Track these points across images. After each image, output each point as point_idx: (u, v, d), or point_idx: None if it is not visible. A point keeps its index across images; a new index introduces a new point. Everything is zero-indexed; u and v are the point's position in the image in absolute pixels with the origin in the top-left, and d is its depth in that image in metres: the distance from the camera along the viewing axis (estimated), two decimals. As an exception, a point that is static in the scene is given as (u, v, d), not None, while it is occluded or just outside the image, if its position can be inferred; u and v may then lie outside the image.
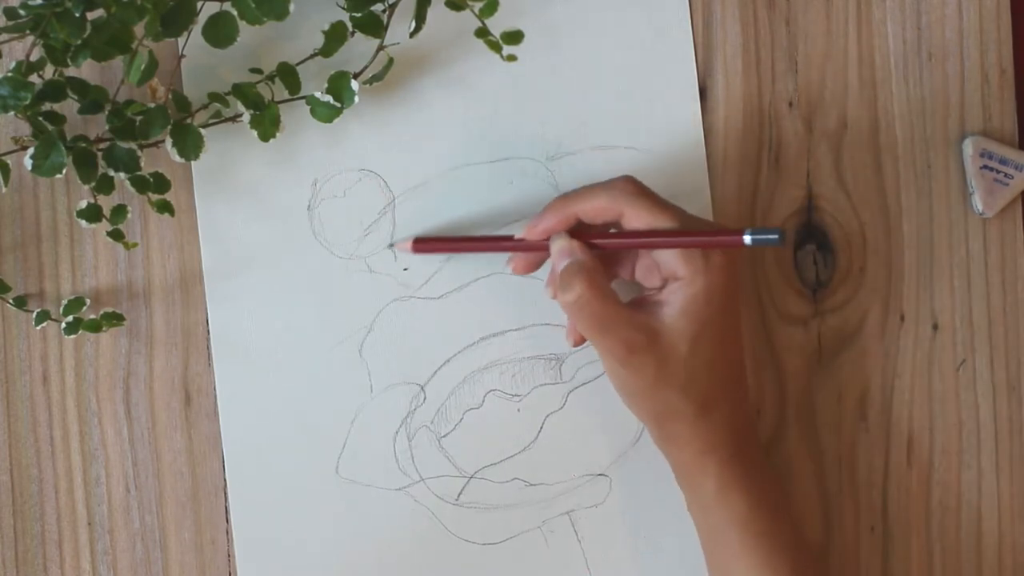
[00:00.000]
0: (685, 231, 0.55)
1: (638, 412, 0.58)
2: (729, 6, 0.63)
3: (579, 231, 0.58)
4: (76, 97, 0.58)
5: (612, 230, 0.58)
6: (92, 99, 0.58)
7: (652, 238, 0.56)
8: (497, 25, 0.58)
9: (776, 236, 0.53)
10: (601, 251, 0.58)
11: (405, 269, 0.62)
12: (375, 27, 0.58)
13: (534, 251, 0.59)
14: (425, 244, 0.61)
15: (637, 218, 0.56)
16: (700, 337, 0.55)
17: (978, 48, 0.64)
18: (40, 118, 0.57)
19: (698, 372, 0.56)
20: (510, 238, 0.60)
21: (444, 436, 0.62)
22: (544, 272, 0.62)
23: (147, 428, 0.62)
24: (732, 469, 0.57)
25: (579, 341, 0.59)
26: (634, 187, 0.57)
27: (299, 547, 0.62)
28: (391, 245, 0.62)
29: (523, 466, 0.63)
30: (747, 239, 0.54)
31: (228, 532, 0.62)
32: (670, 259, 0.56)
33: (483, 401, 0.62)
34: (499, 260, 0.62)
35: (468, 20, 0.58)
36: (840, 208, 0.64)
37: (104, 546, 0.62)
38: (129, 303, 0.62)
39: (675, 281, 0.56)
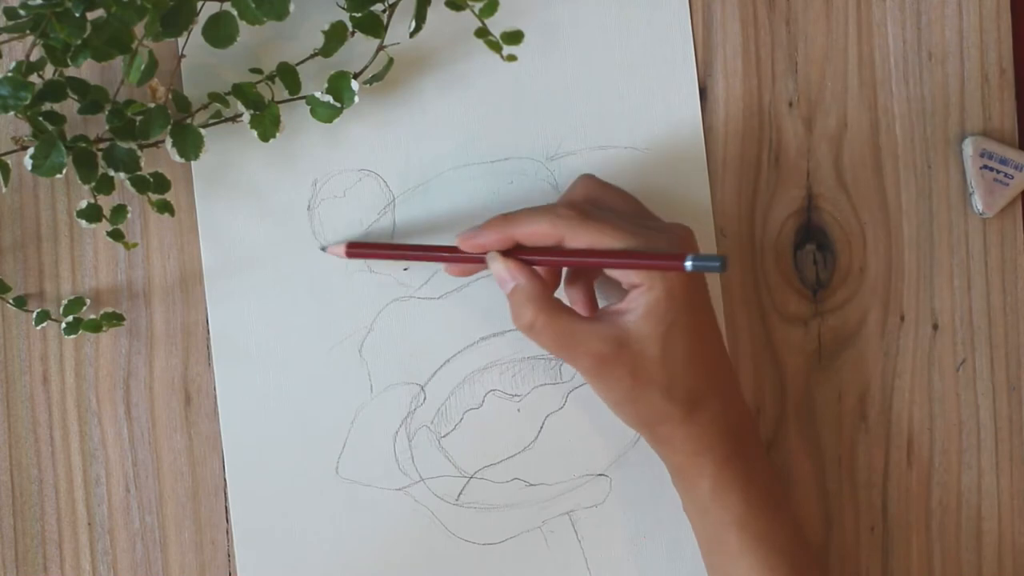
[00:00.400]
0: (624, 252, 0.55)
1: (626, 419, 0.58)
2: (729, 6, 0.63)
3: (517, 248, 0.57)
4: (76, 97, 0.58)
5: None
6: (92, 99, 0.58)
7: (591, 257, 0.55)
8: (497, 25, 0.58)
9: (718, 263, 0.52)
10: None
11: (405, 269, 0.62)
12: (375, 27, 0.58)
13: (470, 263, 0.59)
14: (358, 249, 0.61)
15: (578, 242, 0.55)
16: (670, 337, 0.55)
17: (978, 48, 0.64)
18: (40, 118, 0.57)
19: (677, 372, 0.55)
20: (445, 248, 0.59)
21: (444, 436, 0.62)
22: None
23: (147, 428, 0.62)
24: (728, 470, 0.57)
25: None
26: (575, 212, 0.56)
27: (299, 547, 0.62)
28: (323, 248, 0.62)
29: (523, 466, 0.63)
30: (688, 264, 0.53)
31: (228, 532, 0.62)
32: (627, 271, 0.55)
33: (483, 401, 0.62)
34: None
35: (468, 20, 0.58)
36: (840, 208, 0.64)
37: (104, 546, 0.62)
38: (129, 303, 0.62)
39: (635, 289, 0.55)
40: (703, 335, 0.57)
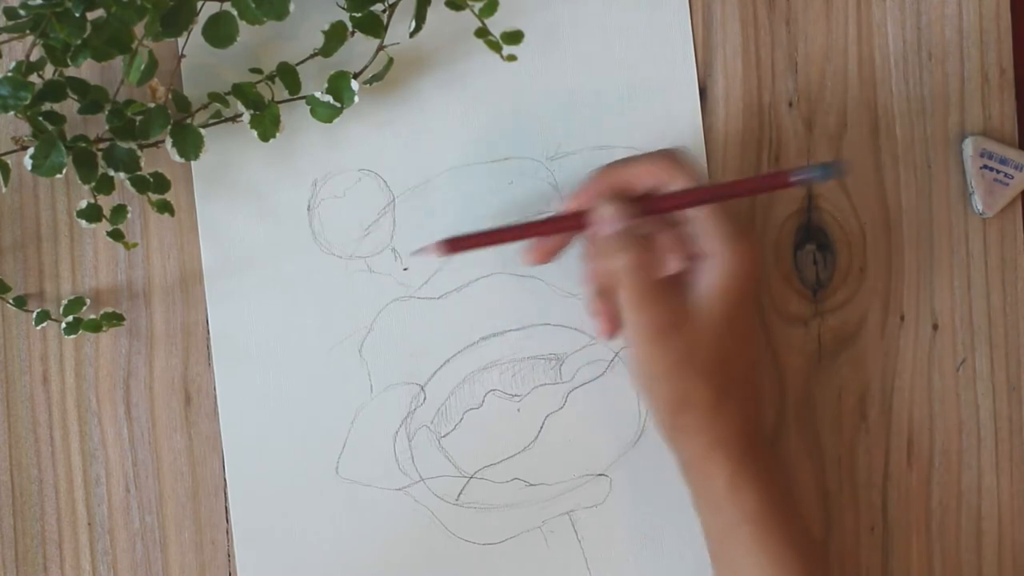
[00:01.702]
0: (729, 183, 0.55)
1: (655, 399, 0.57)
2: (729, 6, 0.63)
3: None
4: (76, 97, 0.58)
5: None
6: (92, 99, 0.58)
7: (698, 195, 0.55)
8: (497, 25, 0.58)
9: (819, 172, 0.53)
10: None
11: (405, 269, 0.62)
12: (375, 27, 0.58)
13: (568, 230, 0.58)
14: (455, 244, 0.58)
15: (683, 179, 0.56)
16: (731, 324, 0.55)
17: (978, 48, 0.64)
18: (40, 118, 0.57)
19: (719, 361, 0.56)
20: (539, 223, 0.58)
21: (444, 436, 0.62)
22: (545, 271, 0.62)
23: (147, 428, 0.62)
24: (743, 465, 0.56)
25: (612, 332, 0.58)
26: (677, 153, 0.57)
27: (299, 547, 0.62)
28: (414, 252, 0.61)
29: (523, 466, 0.63)
30: (792, 178, 0.54)
31: (228, 532, 0.62)
32: (703, 235, 0.55)
33: (483, 401, 0.62)
34: (499, 260, 0.62)
35: (468, 20, 0.58)
36: (840, 208, 0.64)
37: (104, 546, 0.62)
38: (129, 303, 0.62)
39: (708, 259, 0.55)
40: (750, 327, 0.57)
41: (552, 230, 0.58)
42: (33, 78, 0.56)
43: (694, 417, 0.56)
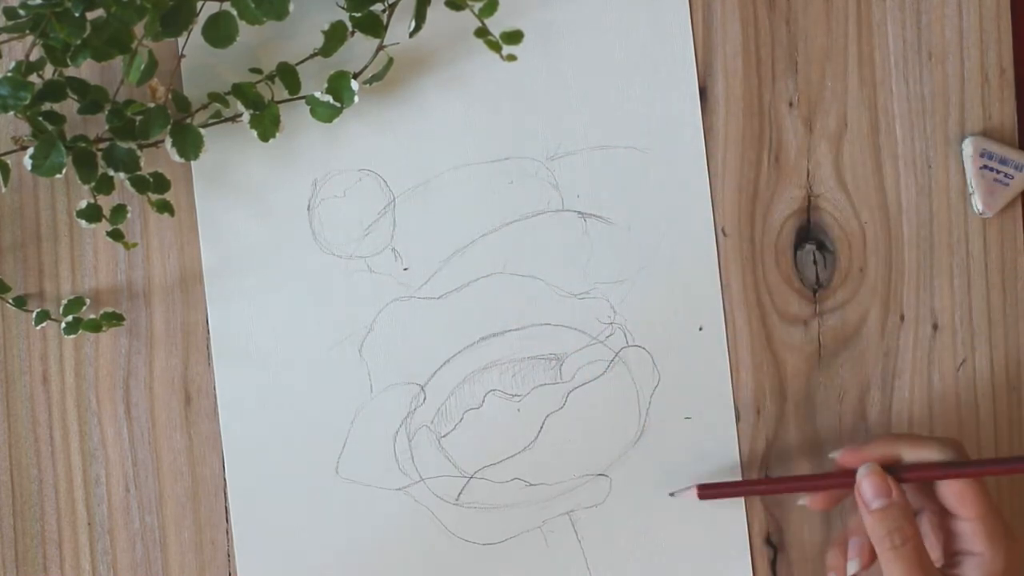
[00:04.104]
0: (991, 463, 0.57)
1: None
2: (729, 6, 0.63)
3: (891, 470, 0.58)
4: (76, 97, 0.58)
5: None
6: (92, 99, 0.58)
7: (960, 468, 0.56)
8: (497, 25, 0.58)
9: None
10: None
11: (405, 269, 0.62)
12: (375, 27, 0.58)
13: (837, 488, 0.59)
14: (713, 490, 0.60)
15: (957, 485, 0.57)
16: None
17: (978, 48, 0.64)
18: (40, 118, 0.57)
19: None
20: (806, 477, 0.60)
21: (444, 436, 0.62)
22: (545, 272, 0.62)
23: (147, 428, 0.62)
24: None
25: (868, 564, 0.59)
26: (958, 443, 0.58)
27: (299, 547, 0.62)
28: (672, 494, 0.62)
29: (523, 466, 0.63)
30: None
31: (228, 532, 0.62)
32: (972, 534, 0.56)
33: (483, 401, 0.62)
34: (499, 259, 0.62)
35: (468, 20, 0.58)
36: (840, 208, 0.64)
37: (104, 546, 0.62)
38: (129, 303, 0.62)
39: (971, 557, 0.56)
40: None
41: (820, 487, 0.59)
42: (33, 78, 0.56)
43: None
